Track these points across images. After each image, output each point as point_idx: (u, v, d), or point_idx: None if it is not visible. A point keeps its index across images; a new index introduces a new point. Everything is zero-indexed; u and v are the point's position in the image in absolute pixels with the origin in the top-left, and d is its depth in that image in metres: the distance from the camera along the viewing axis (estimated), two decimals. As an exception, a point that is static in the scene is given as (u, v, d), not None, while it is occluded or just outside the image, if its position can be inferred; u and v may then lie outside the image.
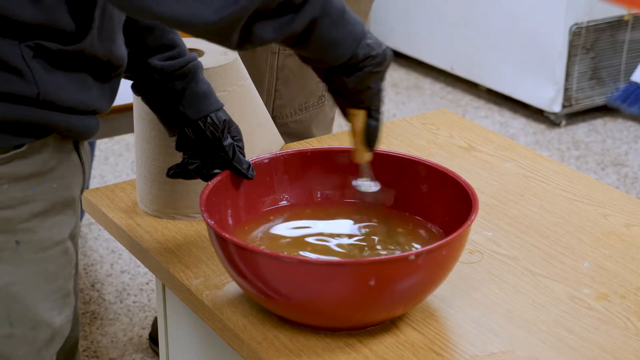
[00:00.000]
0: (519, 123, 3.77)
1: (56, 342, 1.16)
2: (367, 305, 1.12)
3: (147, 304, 2.57)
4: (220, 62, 1.42)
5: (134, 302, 2.58)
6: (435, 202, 1.28)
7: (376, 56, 1.10)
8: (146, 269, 2.37)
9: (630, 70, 3.68)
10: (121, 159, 3.40)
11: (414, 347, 1.15)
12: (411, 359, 1.13)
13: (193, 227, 1.40)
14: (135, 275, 2.70)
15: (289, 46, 1.07)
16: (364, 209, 1.32)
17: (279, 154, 1.32)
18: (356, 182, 1.24)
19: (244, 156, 1.28)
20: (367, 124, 1.16)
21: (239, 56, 1.47)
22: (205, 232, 1.39)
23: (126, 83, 1.29)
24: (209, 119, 1.27)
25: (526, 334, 1.18)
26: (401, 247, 1.24)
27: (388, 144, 1.69)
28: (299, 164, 1.32)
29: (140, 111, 1.41)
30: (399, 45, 4.33)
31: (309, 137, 1.98)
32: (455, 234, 1.12)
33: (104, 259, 2.78)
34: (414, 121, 1.79)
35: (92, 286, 2.64)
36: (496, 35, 3.85)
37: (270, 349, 1.14)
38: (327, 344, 1.15)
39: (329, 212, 1.32)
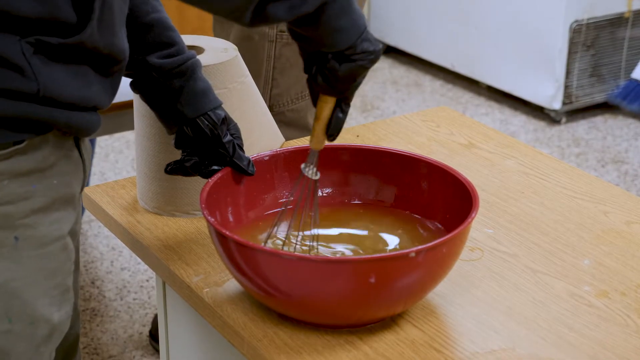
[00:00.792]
0: (519, 120, 3.77)
1: (55, 338, 1.16)
2: (368, 303, 1.12)
3: (147, 301, 2.57)
4: (220, 60, 1.42)
5: (134, 299, 2.58)
6: (435, 200, 1.28)
7: (372, 52, 1.13)
8: (146, 266, 2.37)
9: (631, 68, 3.68)
10: (121, 156, 3.40)
11: (415, 344, 1.15)
12: (411, 356, 1.13)
13: (193, 225, 1.40)
14: (136, 272, 2.70)
15: (298, 27, 1.10)
16: (363, 207, 1.32)
17: (279, 151, 1.32)
18: (302, 167, 1.24)
19: (243, 153, 1.28)
20: (334, 114, 1.18)
21: (239, 53, 1.47)
22: (205, 230, 1.39)
23: (126, 80, 1.29)
24: (207, 117, 1.27)
25: (526, 331, 1.18)
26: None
27: (388, 141, 1.69)
28: (300, 161, 1.32)
29: (141, 108, 1.41)
30: (399, 43, 4.33)
31: (304, 126, 2.01)
32: (455, 232, 1.12)
33: (104, 256, 2.78)
34: (414, 118, 1.79)
35: (92, 283, 2.64)
36: (496, 32, 3.85)
37: (270, 346, 1.14)
38: (327, 341, 1.15)
39: (328, 211, 1.32)
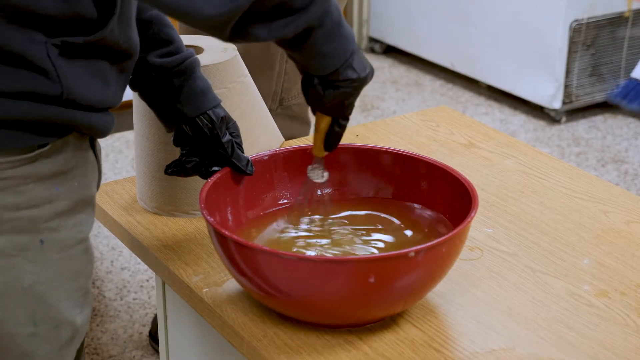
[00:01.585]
0: (519, 120, 3.77)
1: (76, 340, 1.17)
2: (367, 303, 1.12)
3: (147, 301, 2.57)
4: (220, 59, 1.42)
5: (134, 299, 2.58)
6: (435, 199, 1.28)
7: (355, 80, 1.12)
8: (146, 266, 2.37)
9: (631, 67, 3.68)
10: (121, 156, 3.40)
11: (414, 344, 1.15)
12: (411, 356, 1.13)
13: (193, 225, 1.40)
14: (135, 272, 2.70)
15: (282, 47, 1.09)
16: (362, 205, 1.32)
17: (278, 150, 1.32)
18: (308, 170, 1.25)
19: (242, 152, 1.28)
20: (331, 129, 1.19)
21: (238, 53, 1.47)
22: (205, 230, 1.39)
23: (125, 80, 1.29)
24: (206, 116, 1.27)
25: (526, 330, 1.18)
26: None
27: (388, 140, 1.69)
28: (299, 161, 1.32)
29: (140, 108, 1.41)
30: (399, 42, 4.32)
31: (309, 120, 2.03)
32: (455, 231, 1.12)
33: (104, 256, 2.78)
34: (414, 118, 1.79)
35: (93, 283, 2.64)
36: (496, 31, 3.85)
37: (270, 346, 1.14)
38: (327, 341, 1.15)
39: (328, 209, 1.32)
